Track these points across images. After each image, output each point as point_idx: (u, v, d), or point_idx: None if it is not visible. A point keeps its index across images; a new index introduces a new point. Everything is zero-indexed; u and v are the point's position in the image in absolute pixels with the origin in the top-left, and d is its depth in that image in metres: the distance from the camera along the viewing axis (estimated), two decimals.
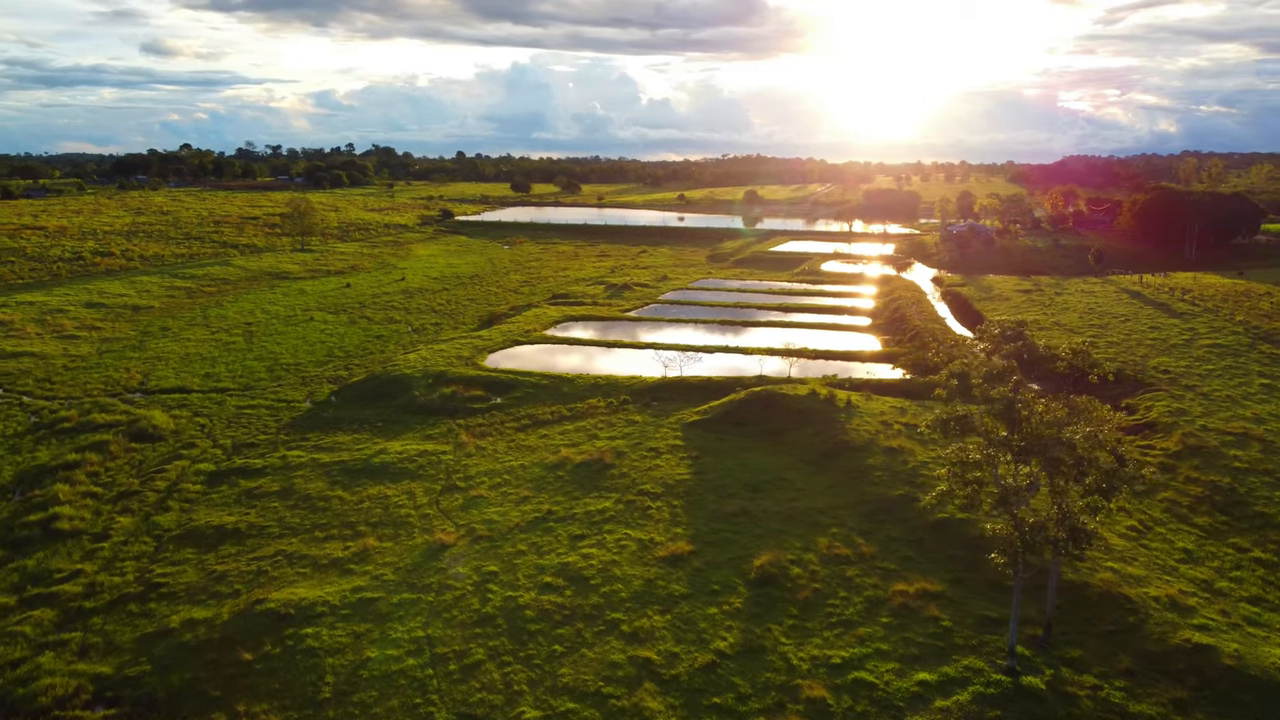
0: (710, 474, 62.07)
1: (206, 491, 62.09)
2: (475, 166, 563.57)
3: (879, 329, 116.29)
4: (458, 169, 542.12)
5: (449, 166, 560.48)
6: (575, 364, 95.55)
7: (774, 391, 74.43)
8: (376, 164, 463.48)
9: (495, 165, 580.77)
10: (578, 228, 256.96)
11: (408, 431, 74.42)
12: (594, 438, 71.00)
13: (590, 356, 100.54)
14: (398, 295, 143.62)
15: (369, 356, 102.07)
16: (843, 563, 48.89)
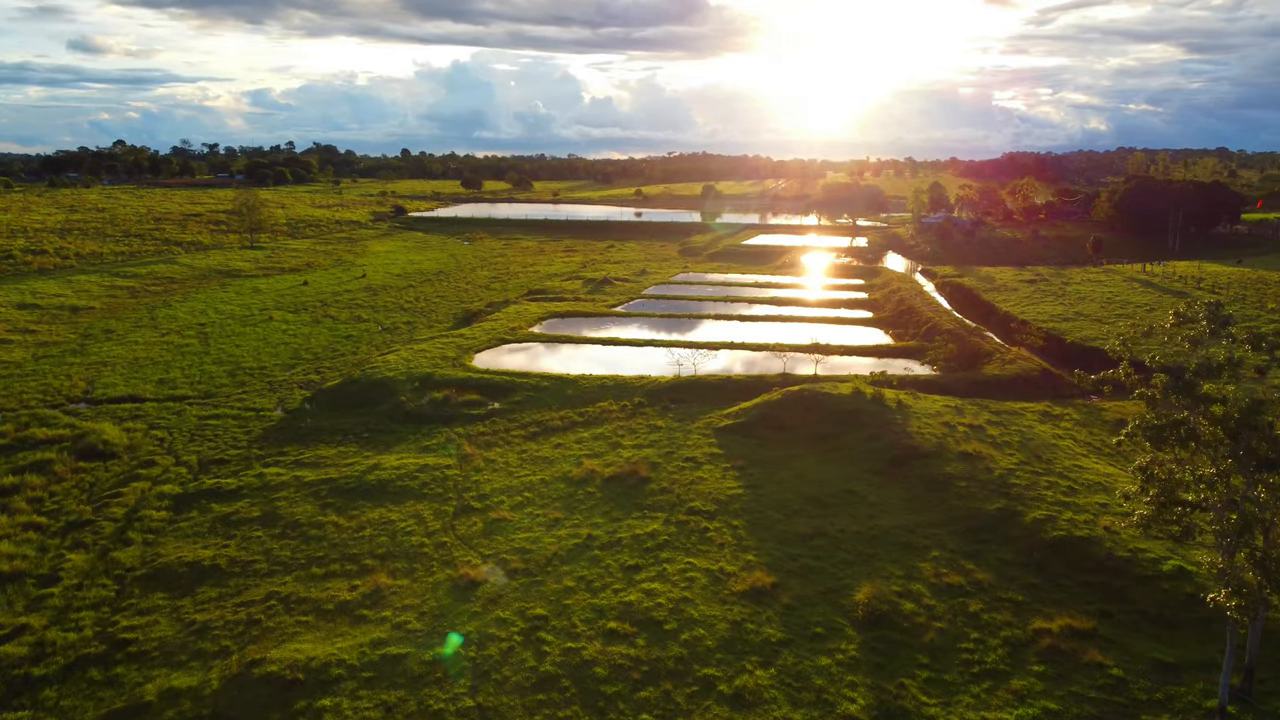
0: (765, 487, 53.93)
1: (173, 519, 52.46)
2: (422, 164, 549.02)
3: (886, 323, 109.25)
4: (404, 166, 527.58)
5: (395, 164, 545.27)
6: (572, 363, 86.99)
7: (815, 391, 66.52)
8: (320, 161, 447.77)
9: (442, 163, 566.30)
10: (538, 223, 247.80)
11: (400, 443, 65.26)
12: (617, 446, 62.51)
13: (587, 355, 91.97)
14: (361, 293, 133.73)
15: (340, 358, 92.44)
16: (959, 594, 40.98)
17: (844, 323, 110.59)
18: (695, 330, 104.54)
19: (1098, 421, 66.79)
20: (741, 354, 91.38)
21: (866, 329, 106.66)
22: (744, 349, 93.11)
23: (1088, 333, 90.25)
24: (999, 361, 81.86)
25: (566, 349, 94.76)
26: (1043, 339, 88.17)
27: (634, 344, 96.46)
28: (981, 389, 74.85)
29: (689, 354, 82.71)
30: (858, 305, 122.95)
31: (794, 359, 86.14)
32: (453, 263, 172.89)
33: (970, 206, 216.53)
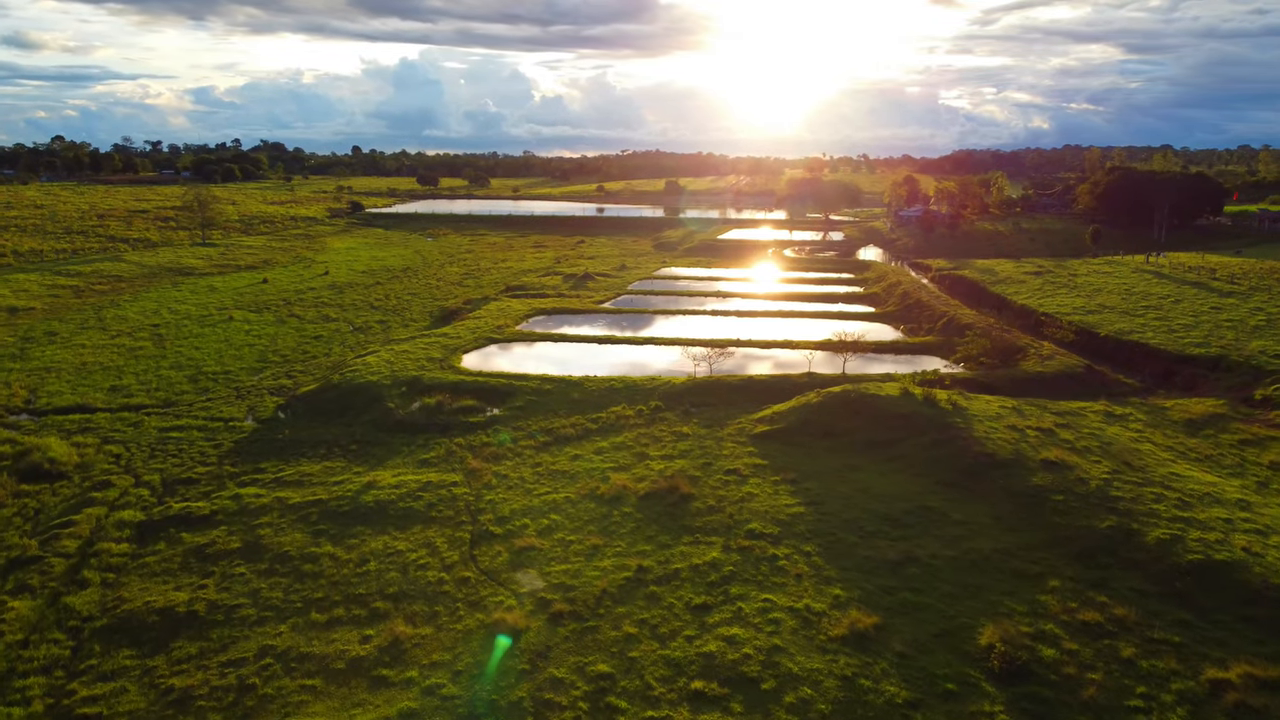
0: (827, 504, 46.98)
1: (137, 553, 44.26)
2: (374, 161, 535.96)
3: (893, 317, 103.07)
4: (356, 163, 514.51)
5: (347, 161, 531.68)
6: (571, 364, 79.63)
7: (862, 393, 59.76)
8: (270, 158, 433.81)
9: (396, 160, 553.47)
10: (502, 219, 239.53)
11: (394, 456, 57.41)
12: (644, 458, 55.22)
13: (584, 354, 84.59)
14: (325, 290, 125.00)
15: (313, 360, 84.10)
16: (1101, 634, 34.28)
17: (847, 318, 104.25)
18: (693, 327, 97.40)
19: (1166, 422, 60.81)
20: (754, 352, 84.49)
21: (872, 324, 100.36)
22: (753, 346, 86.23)
23: (1119, 326, 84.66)
24: (1035, 357, 75.82)
25: (561, 348, 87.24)
26: (1073, 333, 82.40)
27: (633, 342, 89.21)
28: (1026, 387, 68.69)
29: (703, 352, 75.39)
30: (856, 299, 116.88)
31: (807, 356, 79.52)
32: (419, 259, 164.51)
33: (950, 200, 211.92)
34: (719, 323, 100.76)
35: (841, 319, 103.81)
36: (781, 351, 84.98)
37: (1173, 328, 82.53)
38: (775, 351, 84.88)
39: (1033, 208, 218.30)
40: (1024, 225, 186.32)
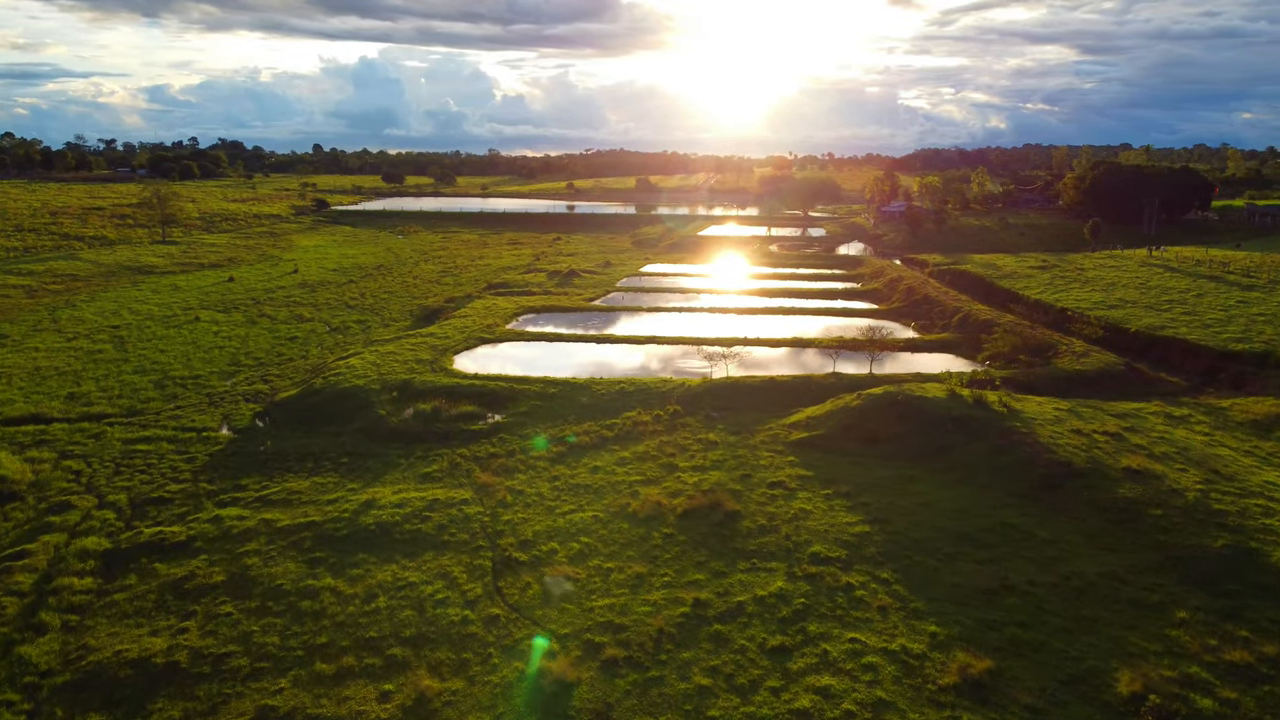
0: (893, 521, 41.70)
1: (104, 589, 38.05)
2: (337, 159, 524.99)
3: (901, 314, 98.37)
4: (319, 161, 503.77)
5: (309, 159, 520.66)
6: (570, 365, 74.16)
7: (908, 395, 54.63)
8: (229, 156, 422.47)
9: (359, 158, 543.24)
10: (473, 216, 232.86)
11: (392, 470, 51.40)
12: (672, 469, 49.67)
13: (583, 355, 79.00)
14: (296, 289, 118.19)
15: (289, 363, 77.68)
16: (1259, 679, 29.32)
17: (851, 314, 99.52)
18: (693, 325, 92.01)
19: (1231, 424, 56.26)
20: (767, 351, 79.26)
21: (878, 321, 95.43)
22: (764, 345, 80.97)
23: (1148, 321, 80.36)
24: (1069, 355, 71.23)
25: (557, 348, 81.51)
26: (1101, 329, 77.92)
27: (634, 341, 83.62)
28: (1068, 387, 64.01)
29: (717, 352, 70.02)
30: (855, 295, 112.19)
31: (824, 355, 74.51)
32: (391, 256, 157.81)
33: (933, 195, 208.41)
34: (719, 320, 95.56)
35: (845, 315, 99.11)
36: (797, 350, 79.81)
37: (1205, 323, 78.32)
38: (789, 351, 79.66)
39: (1015, 203, 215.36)
40: (1010, 221, 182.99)
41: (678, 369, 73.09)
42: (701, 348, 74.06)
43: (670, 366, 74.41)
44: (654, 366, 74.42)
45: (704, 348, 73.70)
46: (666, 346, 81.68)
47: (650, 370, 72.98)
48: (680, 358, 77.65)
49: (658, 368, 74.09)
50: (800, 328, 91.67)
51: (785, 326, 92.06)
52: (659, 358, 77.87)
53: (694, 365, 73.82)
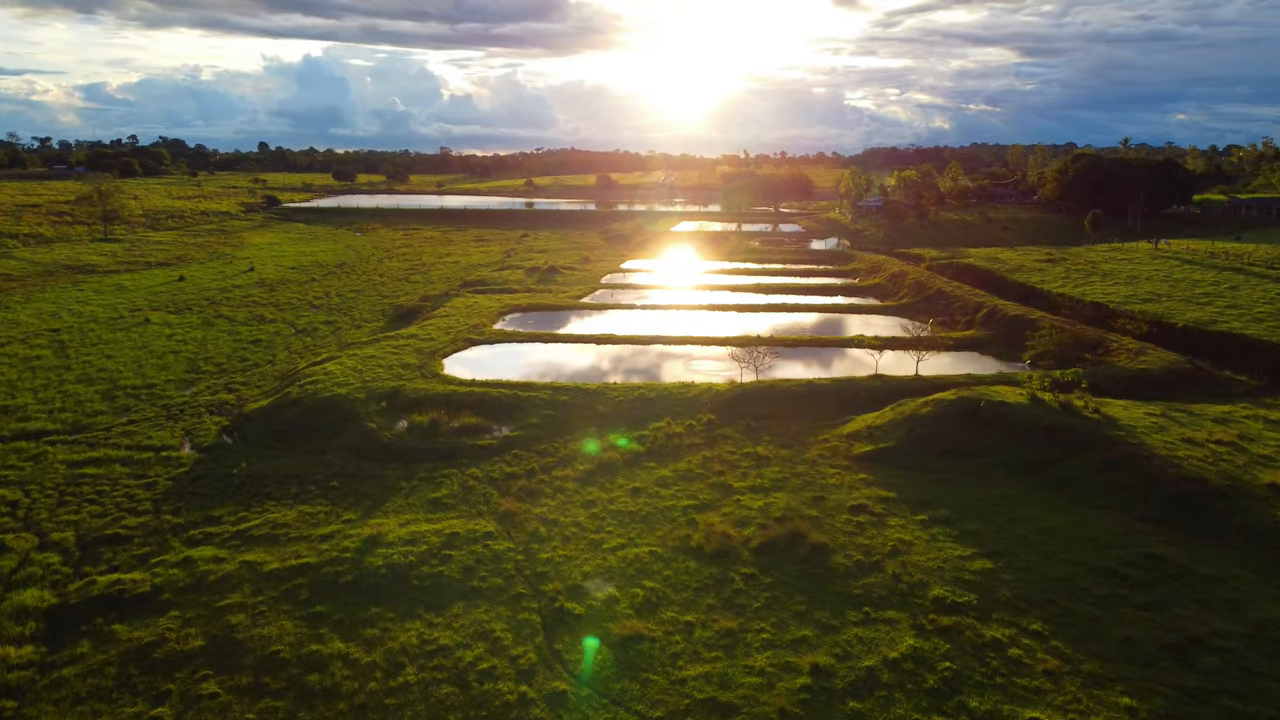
0: (1015, 554, 34.78)
1: (48, 661, 29.94)
2: (284, 157, 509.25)
3: (911, 310, 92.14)
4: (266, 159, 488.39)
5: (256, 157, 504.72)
6: (573, 368, 67.00)
7: (990, 400, 47.79)
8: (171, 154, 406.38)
9: (307, 156, 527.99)
10: (433, 213, 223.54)
11: (392, 495, 43.48)
12: (728, 491, 42.41)
13: (584, 357, 71.60)
14: (255, 289, 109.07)
15: (256, 370, 69.17)
16: None
17: (859, 310, 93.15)
18: (694, 323, 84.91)
19: None
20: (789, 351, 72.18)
21: (888, 317, 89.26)
22: (784, 344, 73.86)
23: (1193, 316, 74.73)
24: (1122, 353, 65.18)
25: (553, 350, 73.90)
26: (1146, 324, 71.95)
27: (637, 341, 76.24)
28: (1136, 388, 57.85)
29: (745, 353, 62.85)
30: (856, 291, 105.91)
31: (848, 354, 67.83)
32: (352, 254, 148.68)
33: (910, 190, 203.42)
34: (720, 318, 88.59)
35: (852, 312, 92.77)
36: (824, 350, 73.02)
37: (1255, 316, 72.83)
38: (814, 350, 72.81)
39: (990, 197, 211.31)
40: (991, 215, 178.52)
41: (693, 371, 65.87)
42: (726, 348, 66.98)
43: (684, 368, 67.15)
44: (665, 369, 67.20)
45: (731, 348, 66.54)
46: (674, 347, 74.52)
47: (659, 373, 65.70)
48: (689, 358, 70.63)
49: (670, 370, 66.85)
50: (808, 324, 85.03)
51: (792, 323, 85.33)
52: (667, 359, 70.66)
53: (707, 366, 66.87)
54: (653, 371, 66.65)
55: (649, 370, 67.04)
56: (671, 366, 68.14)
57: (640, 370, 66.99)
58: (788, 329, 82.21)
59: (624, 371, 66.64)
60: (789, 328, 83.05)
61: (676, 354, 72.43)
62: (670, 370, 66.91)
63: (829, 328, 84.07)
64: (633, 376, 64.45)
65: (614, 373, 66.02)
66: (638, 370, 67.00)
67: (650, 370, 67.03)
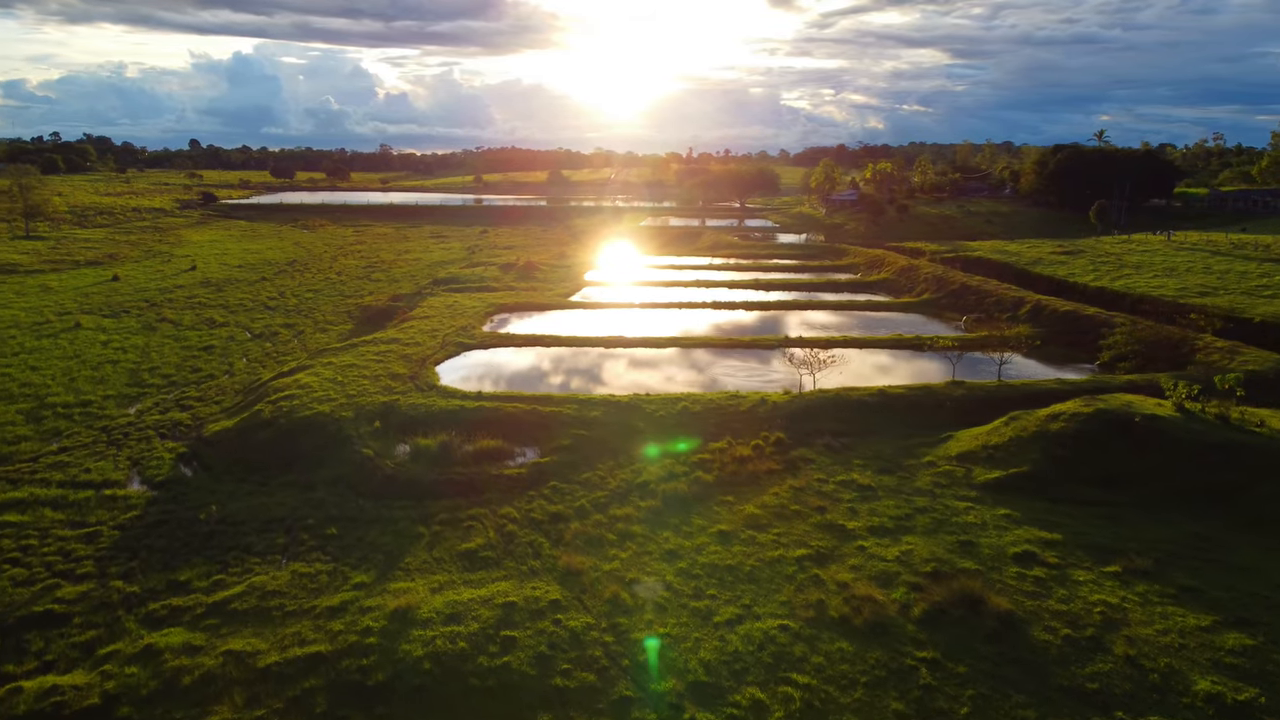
0: (1266, 623, 26.20)
1: None
2: (218, 155, 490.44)
3: (933, 306, 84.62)
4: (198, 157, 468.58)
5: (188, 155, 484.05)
6: (588, 376, 58.00)
7: (1140, 413, 39.39)
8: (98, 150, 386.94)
9: (242, 154, 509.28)
10: (383, 209, 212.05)
11: (412, 546, 33.86)
12: (842, 534, 33.55)
13: (600, 363, 62.43)
14: (199, 289, 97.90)
15: (211, 382, 58.80)
16: None
17: (882, 308, 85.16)
18: (700, 322, 76.23)
19: None
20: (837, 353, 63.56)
21: (909, 315, 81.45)
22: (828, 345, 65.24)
23: (1264, 310, 67.71)
24: (1214, 352, 57.69)
25: (558, 356, 64.72)
26: (1220, 320, 64.60)
27: (649, 344, 67.46)
28: (1252, 391, 49.84)
29: (804, 355, 54.06)
30: (862, 287, 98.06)
31: (950, 359, 59.54)
32: (303, 251, 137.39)
33: (882, 183, 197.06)
34: (728, 316, 79.90)
35: (870, 309, 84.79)
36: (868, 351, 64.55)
37: None
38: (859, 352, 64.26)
39: (962, 192, 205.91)
40: (971, 209, 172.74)
41: (726, 376, 57.04)
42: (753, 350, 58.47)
43: (713, 374, 58.29)
44: (693, 375, 58.18)
45: (791, 351, 57.82)
46: (692, 350, 65.73)
47: (692, 382, 56.75)
48: (713, 362, 61.91)
49: (699, 376, 57.88)
50: (825, 322, 76.73)
51: (803, 321, 76.98)
52: (690, 363, 61.79)
53: (737, 371, 58.20)
54: (676, 378, 57.69)
55: (670, 376, 58.09)
56: (697, 372, 59.20)
57: (661, 377, 57.93)
58: (805, 327, 73.70)
59: (641, 377, 57.53)
60: (806, 326, 74.57)
61: (698, 358, 63.59)
62: (699, 376, 57.98)
63: (852, 326, 75.75)
64: (678, 385, 55.33)
65: (632, 380, 56.93)
66: (659, 377, 57.92)
67: (673, 377, 58.07)
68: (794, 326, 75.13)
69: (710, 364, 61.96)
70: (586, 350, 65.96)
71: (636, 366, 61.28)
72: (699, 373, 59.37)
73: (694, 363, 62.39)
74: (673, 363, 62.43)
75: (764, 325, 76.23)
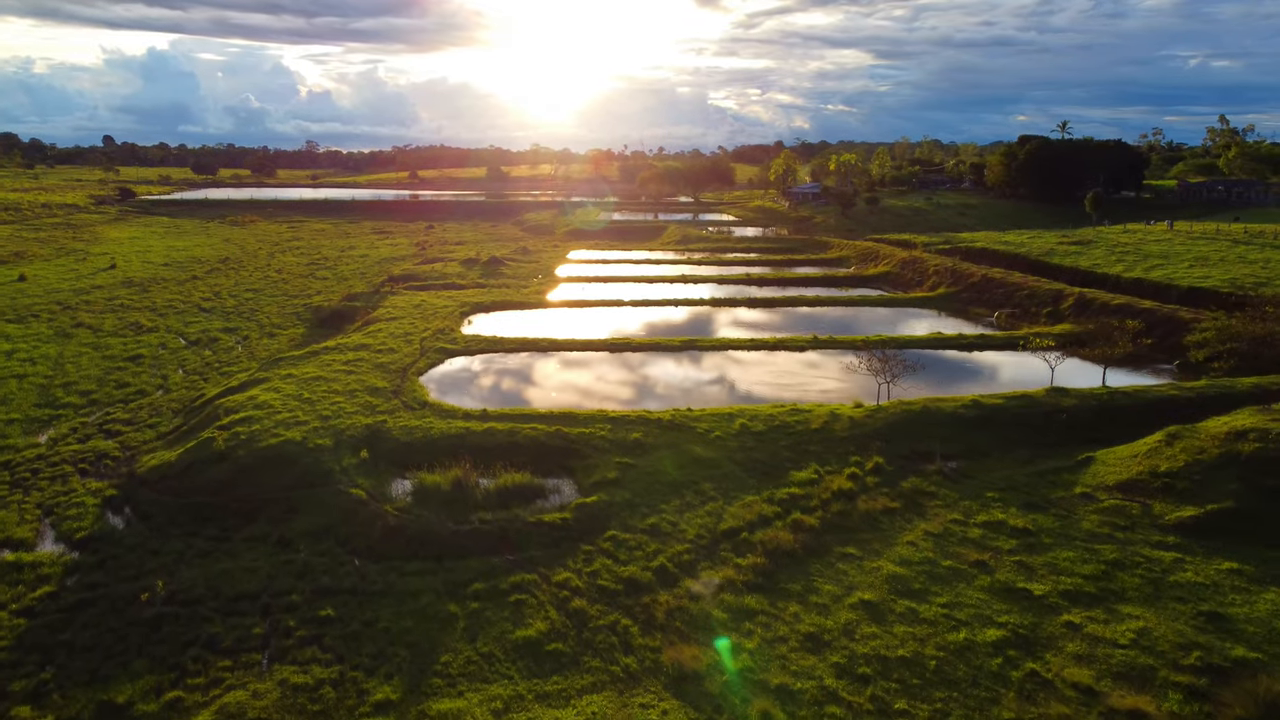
0: None
1: None
2: (135, 152, 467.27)
3: (950, 301, 77.17)
4: (114, 153, 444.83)
5: (103, 151, 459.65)
6: (605, 386, 48.95)
7: None
8: (3, 146, 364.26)
9: (160, 151, 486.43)
10: (317, 204, 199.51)
11: (447, 635, 24.42)
12: (1028, 601, 25.16)
13: (610, 370, 53.28)
14: (120, 289, 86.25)
15: (142, 399, 48.29)
16: None
17: (899, 304, 77.36)
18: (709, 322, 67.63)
19: None
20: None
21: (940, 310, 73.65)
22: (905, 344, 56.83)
23: None
24: None
25: (559, 362, 55.40)
26: None
27: (660, 347, 58.31)
28: None
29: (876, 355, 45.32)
30: (863, 281, 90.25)
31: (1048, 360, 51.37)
32: (235, 248, 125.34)
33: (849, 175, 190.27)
34: (732, 314, 71.21)
35: (885, 304, 76.89)
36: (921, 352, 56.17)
37: None
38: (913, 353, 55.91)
39: (924, 184, 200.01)
40: (940, 201, 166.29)
41: (764, 383, 48.22)
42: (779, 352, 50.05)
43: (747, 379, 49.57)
44: (727, 383, 49.43)
45: (854, 353, 49.06)
46: (711, 353, 57.07)
47: (725, 389, 47.81)
48: (742, 365, 53.47)
49: (734, 384, 49.06)
50: (840, 319, 68.43)
51: (811, 316, 68.60)
52: (717, 368, 53.22)
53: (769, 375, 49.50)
54: (710, 388, 48.67)
55: (703, 386, 49.12)
56: (727, 377, 50.32)
57: (693, 386, 48.95)
58: (820, 324, 65.26)
59: (668, 387, 48.51)
60: (819, 323, 66.15)
61: (719, 361, 54.76)
62: (735, 384, 49.19)
63: (877, 322, 67.63)
64: (689, 395, 46.24)
65: (658, 390, 47.76)
66: (690, 386, 48.91)
67: (706, 386, 49.13)
68: (806, 323, 66.74)
69: (736, 367, 53.22)
70: (589, 355, 56.63)
71: (653, 373, 52.18)
72: (729, 378, 50.50)
73: (718, 366, 53.51)
74: (693, 366, 53.48)
75: (775, 322, 67.74)
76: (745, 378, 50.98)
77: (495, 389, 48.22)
